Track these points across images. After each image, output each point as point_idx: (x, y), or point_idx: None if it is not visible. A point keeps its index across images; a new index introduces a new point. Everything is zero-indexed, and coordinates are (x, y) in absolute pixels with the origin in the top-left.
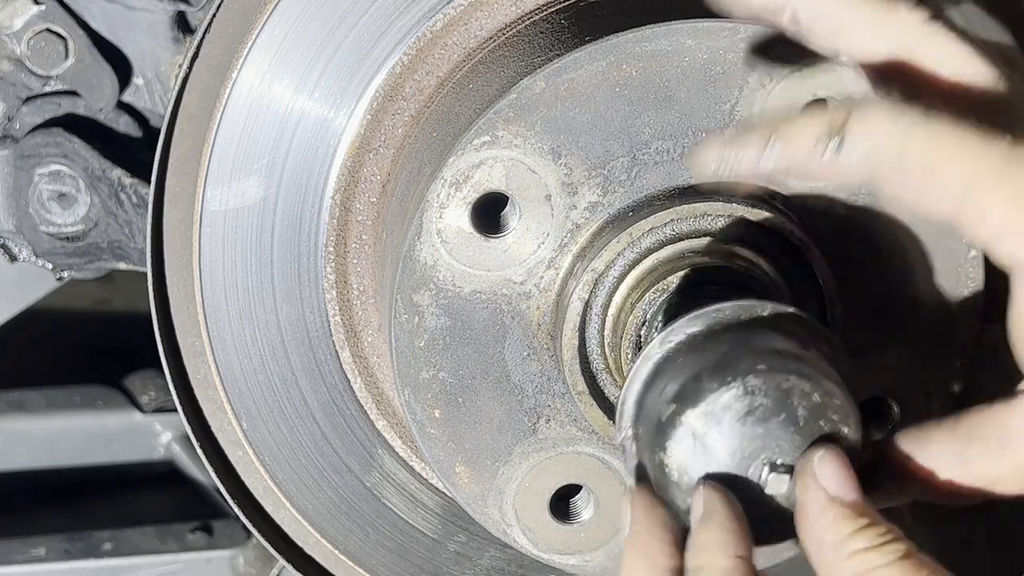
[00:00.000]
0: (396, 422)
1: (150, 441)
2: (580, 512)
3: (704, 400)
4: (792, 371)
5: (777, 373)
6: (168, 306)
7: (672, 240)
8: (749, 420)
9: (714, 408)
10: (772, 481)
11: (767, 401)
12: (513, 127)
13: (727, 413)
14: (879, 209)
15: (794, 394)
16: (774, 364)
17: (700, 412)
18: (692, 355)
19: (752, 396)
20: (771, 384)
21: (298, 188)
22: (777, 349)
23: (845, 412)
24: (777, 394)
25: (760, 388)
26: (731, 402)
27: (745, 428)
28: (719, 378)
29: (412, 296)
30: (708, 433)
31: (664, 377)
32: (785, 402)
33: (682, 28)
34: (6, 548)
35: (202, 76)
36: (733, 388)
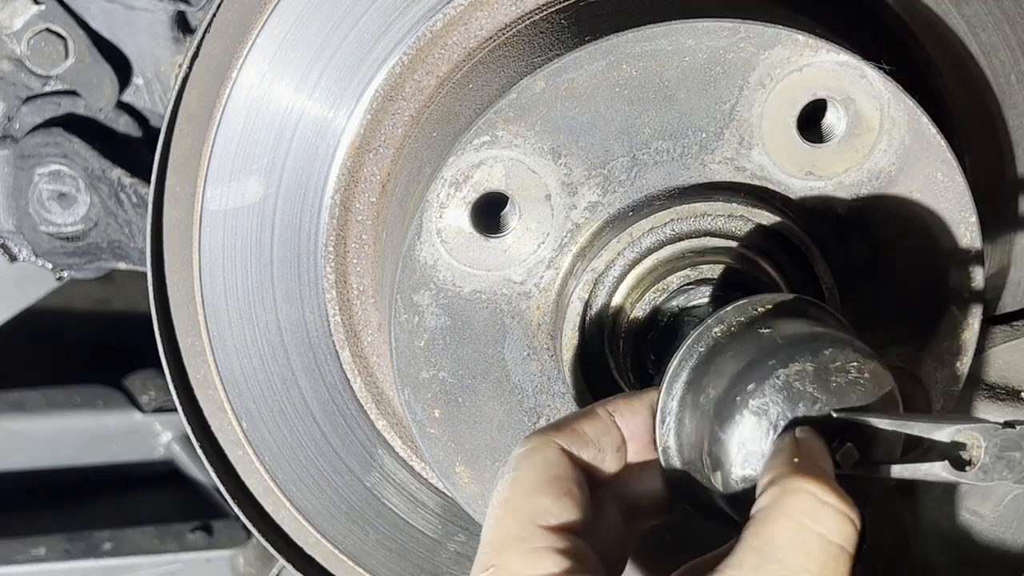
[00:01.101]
0: (396, 422)
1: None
2: None
3: (787, 367)
4: (853, 349)
5: (845, 350)
6: (168, 306)
7: (672, 240)
8: (827, 389)
9: (799, 372)
10: (845, 450)
11: (843, 374)
12: (513, 127)
13: (806, 380)
14: (879, 209)
15: (864, 371)
16: (874, 354)
17: (785, 374)
18: (756, 335)
19: (830, 368)
20: (845, 359)
21: (298, 188)
22: (838, 333)
23: (894, 387)
24: (850, 369)
25: (863, 363)
26: (812, 371)
27: (823, 396)
28: (833, 339)
29: (412, 296)
30: (769, 411)
31: (725, 355)
32: (856, 376)
33: (682, 28)
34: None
35: (202, 76)
36: (844, 351)
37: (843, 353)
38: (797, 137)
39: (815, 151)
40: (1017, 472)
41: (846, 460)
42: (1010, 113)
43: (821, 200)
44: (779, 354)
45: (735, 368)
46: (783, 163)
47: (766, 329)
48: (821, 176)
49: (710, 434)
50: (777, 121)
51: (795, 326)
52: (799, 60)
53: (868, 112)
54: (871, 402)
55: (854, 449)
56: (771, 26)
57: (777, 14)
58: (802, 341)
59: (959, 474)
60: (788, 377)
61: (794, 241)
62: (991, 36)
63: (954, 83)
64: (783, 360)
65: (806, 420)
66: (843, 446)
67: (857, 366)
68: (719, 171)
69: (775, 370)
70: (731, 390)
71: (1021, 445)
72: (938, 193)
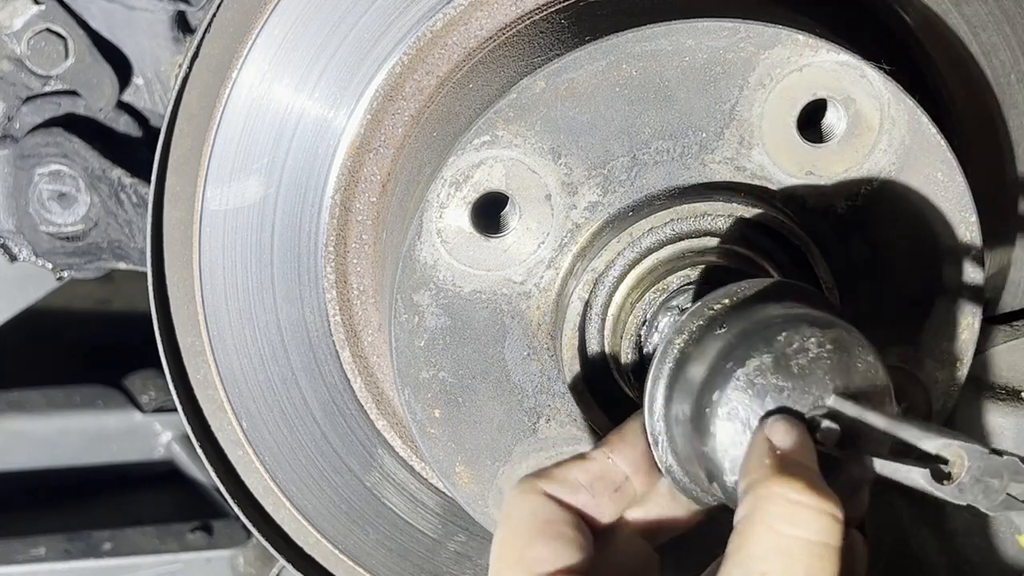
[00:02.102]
0: (396, 422)
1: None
2: None
3: (744, 366)
4: (852, 335)
5: (839, 331)
6: (168, 306)
7: (672, 240)
8: (812, 366)
9: (780, 349)
10: (824, 428)
11: (830, 354)
12: (513, 127)
13: (791, 356)
14: (879, 209)
15: (853, 356)
16: (836, 324)
17: (744, 374)
18: (713, 337)
19: (816, 346)
20: (835, 340)
21: (298, 188)
22: (791, 311)
23: (869, 349)
24: (838, 351)
25: (824, 340)
26: (796, 348)
27: (806, 372)
28: (786, 324)
29: (412, 296)
30: (740, 413)
31: (691, 364)
32: (844, 360)
33: (682, 28)
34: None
35: (202, 76)
36: (799, 335)
37: (798, 332)
38: (797, 137)
39: (815, 151)
40: (991, 499)
41: (828, 439)
42: (1010, 113)
43: (821, 200)
44: (735, 353)
45: (700, 377)
46: (783, 163)
47: (721, 329)
48: (821, 176)
49: (695, 449)
50: (777, 121)
51: (749, 317)
52: (799, 60)
53: (868, 112)
54: (840, 372)
55: (837, 430)
56: (771, 26)
57: (777, 14)
58: (755, 332)
59: (936, 486)
60: (748, 375)
61: (794, 241)
62: (991, 36)
63: (954, 83)
64: (739, 358)
65: (781, 411)
66: (828, 427)
67: (816, 340)
68: (719, 171)
69: (734, 372)
70: (700, 403)
71: (1002, 474)
72: (938, 193)
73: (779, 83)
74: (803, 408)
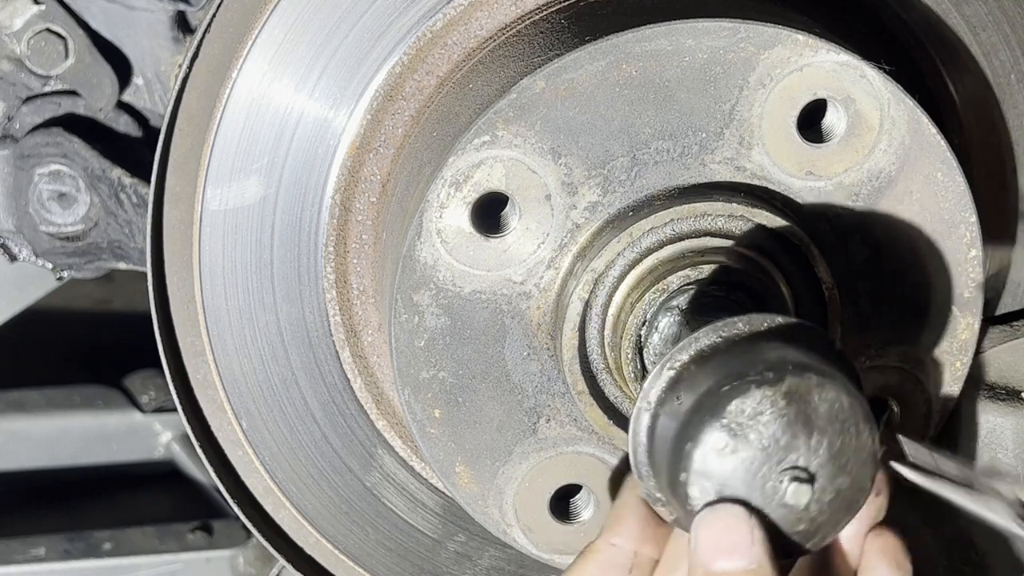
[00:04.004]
0: (396, 422)
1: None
2: (580, 512)
3: (720, 412)
4: (803, 374)
5: (791, 381)
6: (168, 306)
7: (672, 240)
8: (767, 426)
9: (732, 418)
10: (794, 491)
11: (783, 406)
12: (513, 127)
13: (745, 421)
14: (879, 209)
15: (809, 397)
16: (787, 373)
17: (717, 423)
18: (701, 373)
19: (767, 401)
20: (787, 393)
21: (298, 188)
22: (787, 358)
23: (862, 415)
24: (793, 398)
25: (776, 398)
26: (748, 410)
27: (763, 435)
28: (733, 388)
29: (412, 296)
30: (741, 428)
31: (672, 404)
32: (801, 406)
33: (682, 28)
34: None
35: (202, 76)
36: (749, 396)
37: (748, 397)
38: (797, 137)
39: (815, 151)
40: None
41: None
42: (1010, 113)
43: (821, 200)
44: (690, 432)
45: (666, 455)
46: (783, 163)
47: (677, 402)
48: (821, 176)
49: (681, 522)
50: (777, 121)
51: (701, 384)
52: (799, 60)
53: (868, 112)
54: (800, 423)
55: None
56: (771, 26)
57: (777, 14)
58: (704, 404)
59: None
60: (705, 456)
61: (794, 241)
62: (991, 36)
63: (954, 83)
64: (695, 438)
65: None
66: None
67: (769, 400)
68: (719, 171)
69: (691, 454)
70: (673, 481)
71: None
72: (938, 193)
73: (779, 83)
74: (776, 469)
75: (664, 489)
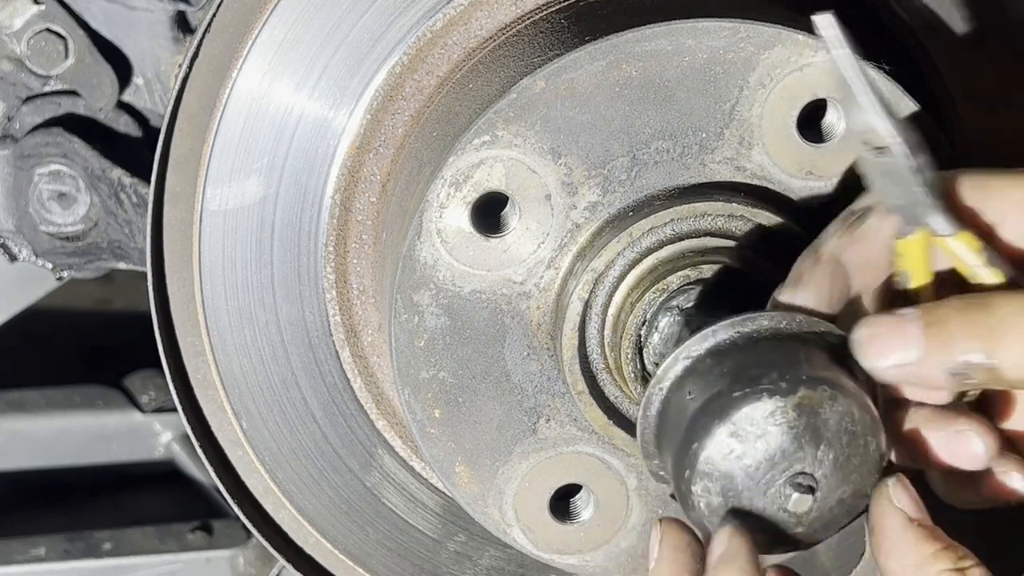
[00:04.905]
0: (396, 422)
1: (150, 441)
2: (580, 512)
3: (729, 417)
4: (817, 387)
5: (804, 392)
6: (168, 306)
7: (672, 240)
8: (775, 436)
9: (740, 424)
10: (796, 500)
11: (793, 417)
12: (513, 127)
13: (753, 429)
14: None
15: (820, 410)
16: (801, 384)
17: (726, 428)
18: (740, 357)
19: (778, 412)
20: (798, 405)
21: (298, 188)
22: (828, 371)
23: (871, 428)
24: (803, 410)
25: (787, 408)
26: (757, 418)
27: (771, 445)
28: (744, 395)
29: (412, 296)
30: (748, 436)
31: (683, 397)
32: (811, 419)
33: (682, 28)
34: (6, 548)
35: (202, 76)
36: (760, 404)
37: (759, 406)
38: (797, 137)
39: (815, 151)
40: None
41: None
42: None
43: (821, 200)
44: (697, 431)
45: (675, 447)
46: (783, 163)
47: (689, 395)
48: (821, 176)
49: (688, 515)
50: (777, 121)
51: (716, 378)
52: (799, 60)
53: None
54: (810, 435)
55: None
56: (771, 26)
57: (777, 14)
58: (714, 406)
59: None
60: (710, 459)
61: (794, 241)
62: None
63: (954, 83)
64: (702, 440)
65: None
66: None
67: (781, 410)
68: (719, 171)
69: (696, 454)
70: (677, 476)
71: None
72: None
73: (779, 83)
74: (780, 477)
75: (668, 472)
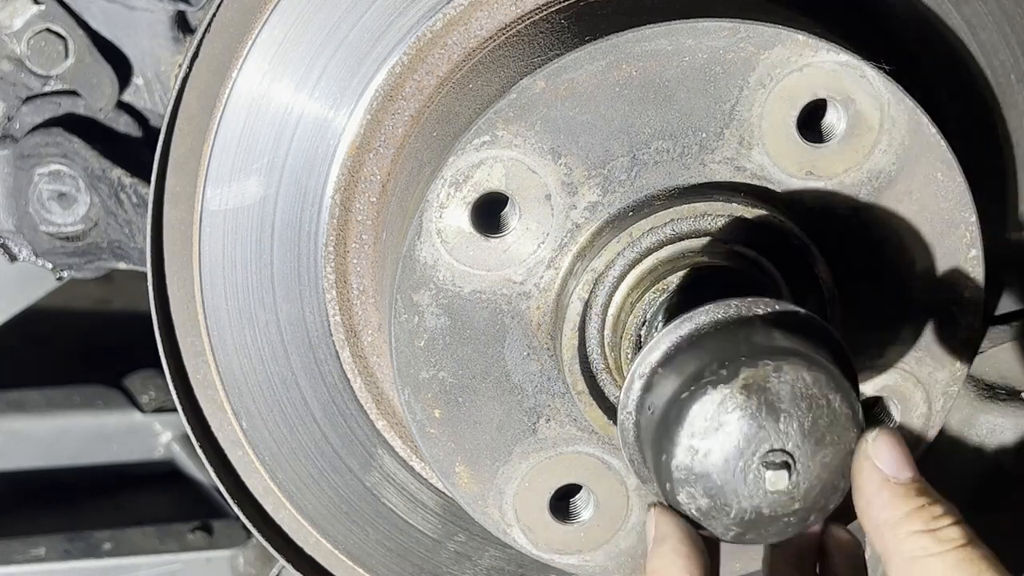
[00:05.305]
0: (396, 422)
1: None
2: (580, 512)
3: (685, 419)
4: (758, 362)
5: (746, 373)
6: (168, 306)
7: (672, 240)
8: (733, 424)
9: (696, 424)
10: (773, 478)
11: (743, 400)
12: (513, 127)
13: (710, 424)
14: (879, 209)
15: (768, 385)
16: (741, 366)
17: (685, 432)
18: (684, 358)
19: (727, 400)
20: (744, 387)
21: (298, 188)
22: (768, 344)
23: (829, 385)
24: (751, 390)
25: (734, 394)
26: (710, 413)
27: (731, 434)
28: (691, 394)
29: (412, 296)
30: (707, 432)
31: (647, 415)
32: (761, 396)
33: (682, 28)
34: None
35: (202, 76)
36: (708, 398)
37: (707, 401)
38: (797, 137)
39: (815, 151)
40: None
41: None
42: (1010, 113)
43: (821, 200)
44: (663, 444)
45: (652, 464)
46: (783, 163)
47: (649, 410)
48: (821, 176)
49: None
50: (777, 121)
51: (667, 384)
52: (799, 60)
53: (868, 112)
54: (767, 412)
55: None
56: (771, 26)
57: (777, 14)
58: (670, 415)
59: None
60: (679, 465)
61: (794, 241)
62: (991, 36)
63: (954, 83)
64: (668, 450)
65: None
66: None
67: (730, 397)
68: (719, 171)
69: (668, 465)
70: (663, 491)
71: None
72: (938, 193)
73: (779, 83)
74: (753, 461)
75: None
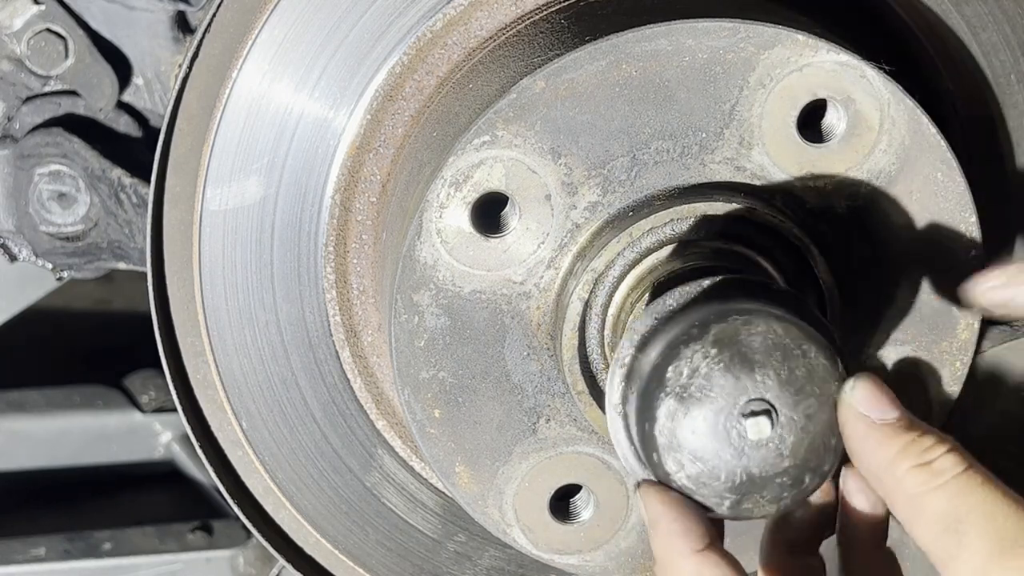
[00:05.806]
0: (396, 422)
1: (150, 441)
2: (580, 512)
3: (663, 383)
4: (727, 318)
5: (716, 328)
6: (168, 306)
7: (672, 240)
8: (708, 378)
9: (673, 385)
10: (754, 425)
11: (715, 353)
12: (513, 127)
13: (687, 382)
14: (879, 209)
15: (739, 338)
16: (711, 322)
17: (663, 395)
18: (658, 337)
19: (699, 355)
20: (715, 341)
21: (298, 188)
22: (738, 306)
23: (801, 337)
24: (722, 344)
25: (706, 349)
26: (685, 371)
27: (708, 389)
28: (665, 357)
29: (412, 296)
30: (685, 391)
31: (638, 367)
32: (733, 348)
33: (682, 28)
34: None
35: (202, 76)
36: (682, 356)
37: (681, 359)
38: (797, 137)
39: (815, 151)
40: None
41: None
42: (1010, 113)
43: (821, 200)
44: (645, 413)
45: (641, 444)
46: (783, 163)
47: (631, 392)
48: (821, 176)
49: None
50: (777, 121)
51: (644, 365)
52: (799, 60)
53: (868, 112)
54: (741, 364)
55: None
56: (771, 26)
57: (777, 14)
58: (650, 383)
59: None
60: (663, 429)
61: (794, 241)
62: (991, 36)
63: (954, 83)
64: (652, 419)
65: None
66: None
67: (702, 352)
68: (719, 171)
69: (651, 432)
70: (651, 464)
71: None
72: (938, 193)
73: (779, 83)
74: (734, 415)
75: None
